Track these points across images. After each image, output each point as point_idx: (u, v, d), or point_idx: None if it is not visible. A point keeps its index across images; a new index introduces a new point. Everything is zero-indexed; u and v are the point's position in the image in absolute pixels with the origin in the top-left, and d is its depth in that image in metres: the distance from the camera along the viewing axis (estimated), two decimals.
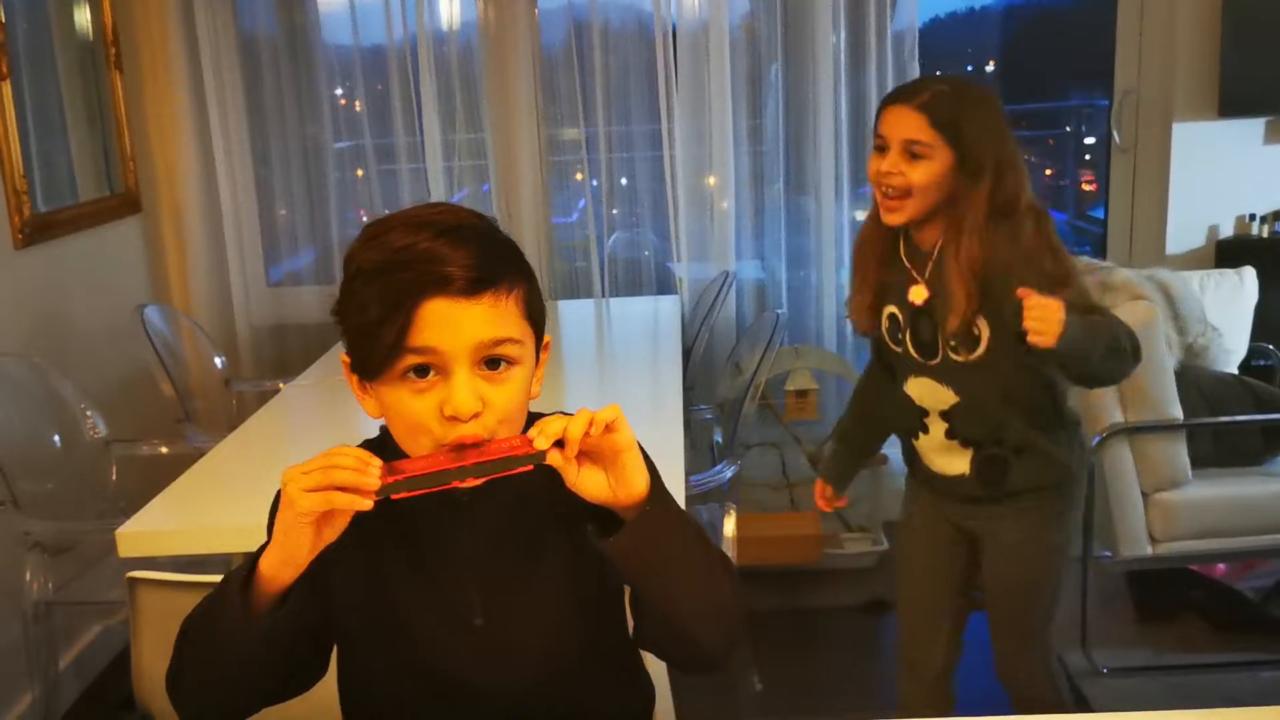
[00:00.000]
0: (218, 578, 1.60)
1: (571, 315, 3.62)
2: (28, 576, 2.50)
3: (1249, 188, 3.52)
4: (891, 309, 1.98)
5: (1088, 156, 4.19)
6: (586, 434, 1.02)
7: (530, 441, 1.03)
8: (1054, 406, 1.96)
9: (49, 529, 2.51)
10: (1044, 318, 1.68)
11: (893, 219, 1.88)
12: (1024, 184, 1.84)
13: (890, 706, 2.78)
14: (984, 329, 1.86)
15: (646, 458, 1.10)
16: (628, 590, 1.25)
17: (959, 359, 1.89)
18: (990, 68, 4.32)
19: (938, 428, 1.97)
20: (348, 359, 1.12)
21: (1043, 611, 2.05)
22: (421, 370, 1.05)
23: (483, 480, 1.03)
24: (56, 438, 2.73)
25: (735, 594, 1.15)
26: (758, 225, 3.75)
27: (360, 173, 3.75)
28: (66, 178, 3.24)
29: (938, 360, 1.92)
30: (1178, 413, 2.76)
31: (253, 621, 1.04)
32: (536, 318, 1.13)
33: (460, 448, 1.05)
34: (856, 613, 3.27)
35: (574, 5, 3.61)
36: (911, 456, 2.09)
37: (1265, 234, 3.51)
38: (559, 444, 1.03)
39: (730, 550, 2.65)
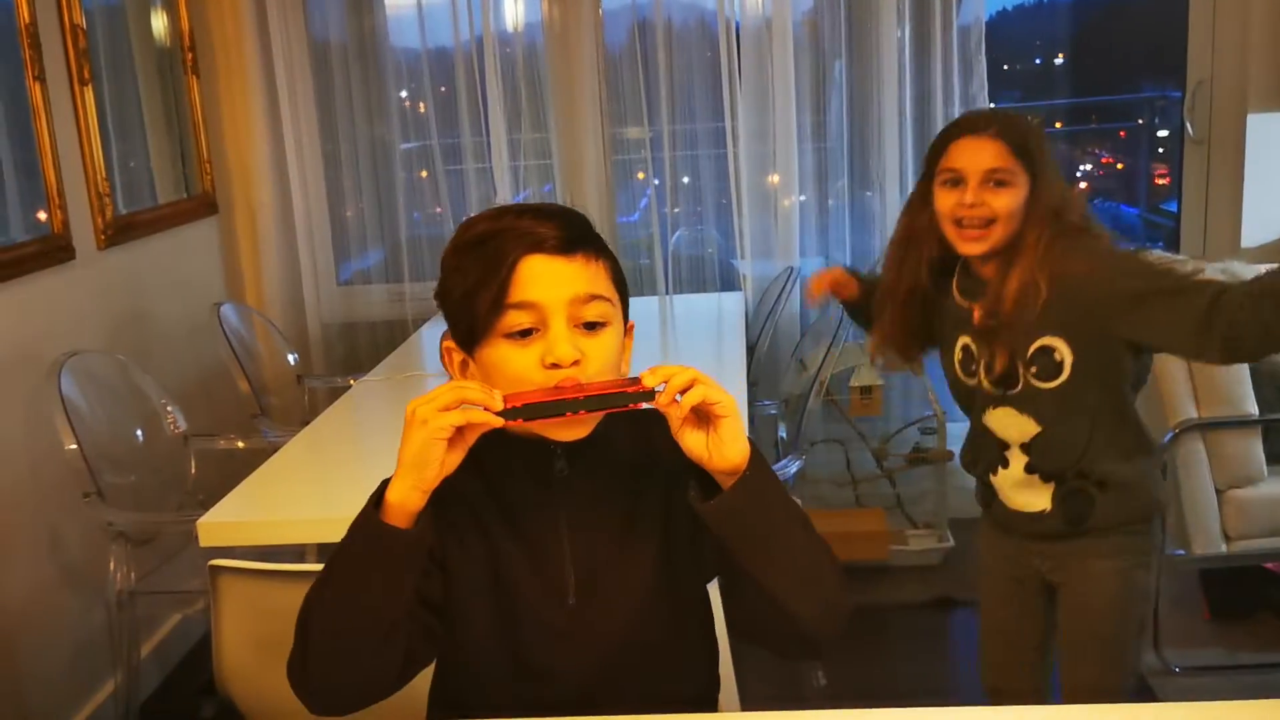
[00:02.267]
0: (296, 566, 1.66)
1: (636, 312, 3.58)
2: (111, 566, 2.58)
3: None
4: (964, 340, 1.91)
5: (1160, 149, 4.12)
6: (689, 389, 1.06)
7: (640, 381, 1.07)
8: (1137, 434, 1.88)
9: (131, 520, 2.59)
10: None
11: (977, 248, 1.82)
12: (1084, 201, 1.85)
13: (954, 703, 2.76)
14: (1065, 352, 1.80)
15: (753, 444, 1.13)
16: (717, 581, 1.28)
17: (1042, 385, 1.82)
18: (1060, 60, 4.26)
19: (1018, 462, 1.89)
20: (449, 343, 1.19)
21: (1124, 658, 1.94)
22: (524, 334, 1.12)
23: (597, 414, 1.10)
24: (139, 432, 2.81)
25: (837, 576, 1.17)
26: (822, 222, 3.74)
27: (425, 173, 3.81)
28: (146, 180, 3.33)
29: (1018, 388, 1.85)
30: (1253, 408, 2.72)
31: (394, 536, 1.07)
32: (622, 288, 1.20)
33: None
34: (922, 609, 3.26)
35: (637, 4, 3.63)
36: (988, 496, 1.99)
37: None
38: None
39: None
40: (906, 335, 1.98)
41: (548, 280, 1.11)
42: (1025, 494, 1.91)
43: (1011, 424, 1.88)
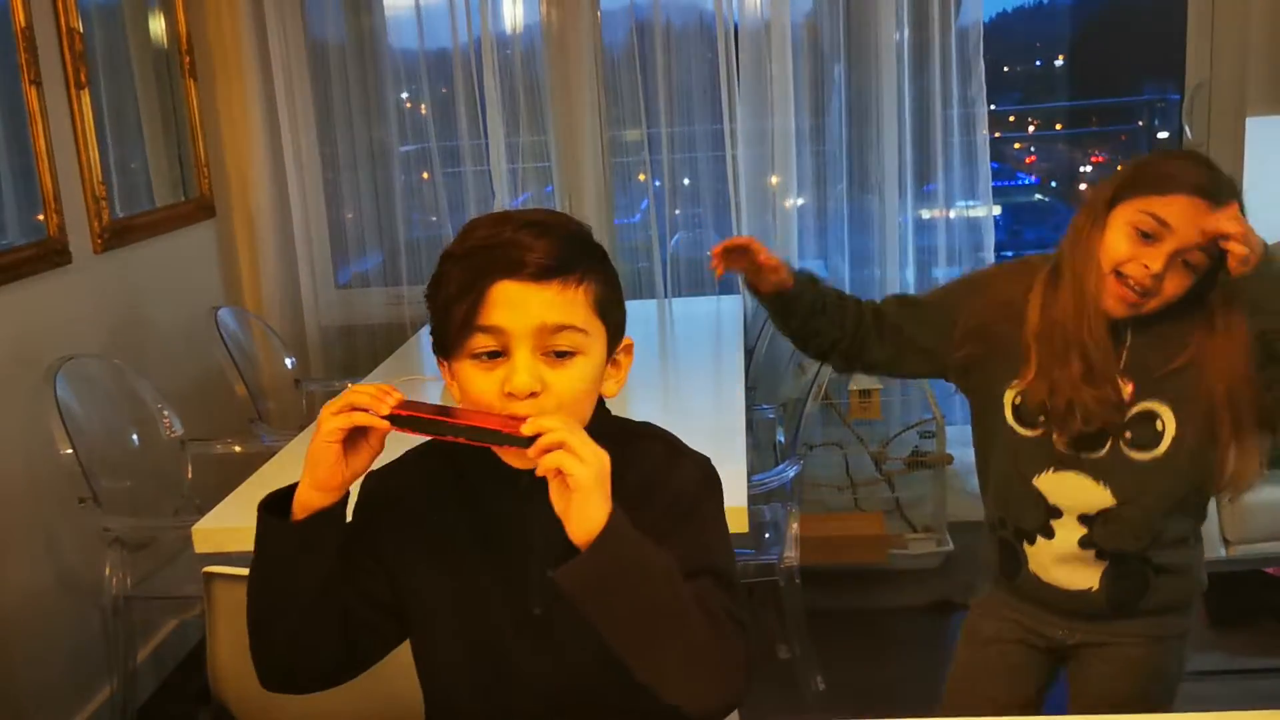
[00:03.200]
0: None
1: (634, 316, 3.58)
2: (107, 572, 2.57)
3: None
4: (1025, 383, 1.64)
5: None
6: (554, 449, 1.03)
7: (518, 425, 1.06)
8: (1202, 513, 1.70)
9: (128, 525, 2.58)
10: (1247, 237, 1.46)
11: (1122, 311, 1.56)
12: None
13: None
14: (1169, 421, 1.59)
15: (697, 497, 1.14)
16: None
17: (1133, 455, 1.60)
18: (1059, 62, 4.26)
19: (1070, 533, 1.64)
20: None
21: None
22: (491, 355, 1.12)
23: (469, 442, 1.08)
24: (135, 436, 2.80)
25: (720, 658, 1.10)
26: (820, 225, 3.73)
27: (426, 175, 3.80)
28: (143, 184, 3.33)
29: (1102, 454, 1.60)
30: None
31: (290, 528, 1.11)
32: (609, 313, 1.17)
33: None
34: (921, 613, 3.25)
35: (636, 6, 3.62)
36: (1012, 566, 1.72)
37: None
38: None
39: (794, 549, 2.66)
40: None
41: (517, 307, 1.10)
42: (1068, 570, 1.66)
43: (1079, 492, 1.62)
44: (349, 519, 1.19)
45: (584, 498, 1.03)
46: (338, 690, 1.27)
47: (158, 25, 3.43)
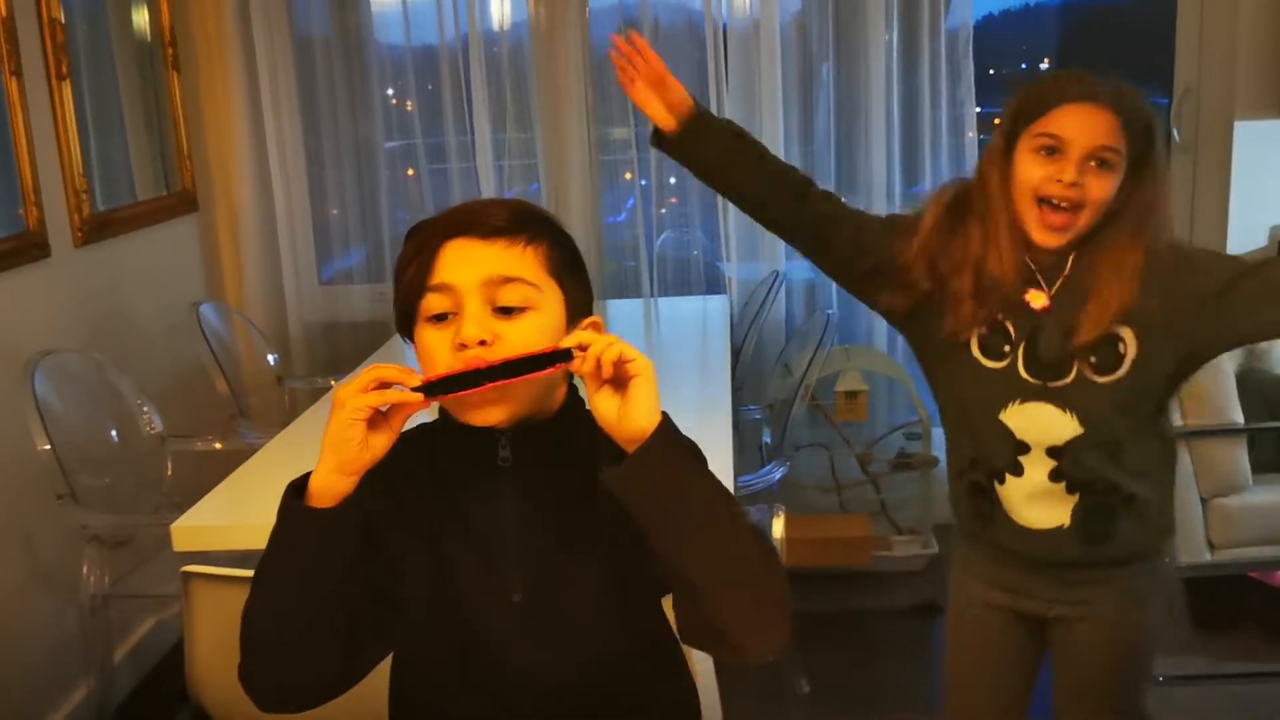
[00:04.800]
0: None
1: (620, 315, 3.62)
2: (85, 569, 2.54)
3: None
4: (997, 316, 1.64)
5: None
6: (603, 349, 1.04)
7: (556, 345, 1.06)
8: (1167, 447, 1.71)
9: (106, 522, 2.55)
10: None
11: (1055, 239, 1.58)
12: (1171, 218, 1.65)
13: (938, 710, 2.75)
14: (1131, 345, 1.59)
15: (695, 450, 1.10)
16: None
17: (1097, 379, 1.60)
18: (1045, 65, 4.26)
19: (1039, 468, 1.64)
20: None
21: (1133, 701, 1.77)
22: (441, 317, 1.13)
23: (509, 381, 1.06)
24: (114, 433, 2.77)
25: (773, 576, 1.09)
26: None
27: (411, 172, 3.78)
28: (125, 177, 3.29)
29: (1067, 380, 1.61)
30: (1238, 417, 2.71)
31: (310, 516, 1.07)
32: (563, 277, 1.17)
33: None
34: (906, 615, 3.24)
35: (624, 4, 3.61)
36: (985, 511, 1.71)
37: None
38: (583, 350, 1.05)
39: (779, 552, 2.64)
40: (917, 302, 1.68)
41: (464, 262, 1.13)
42: (1040, 507, 1.66)
43: (1046, 422, 1.62)
44: None
45: (646, 383, 1.04)
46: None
47: (140, 16, 3.39)
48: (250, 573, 1.59)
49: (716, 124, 1.74)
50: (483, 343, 1.09)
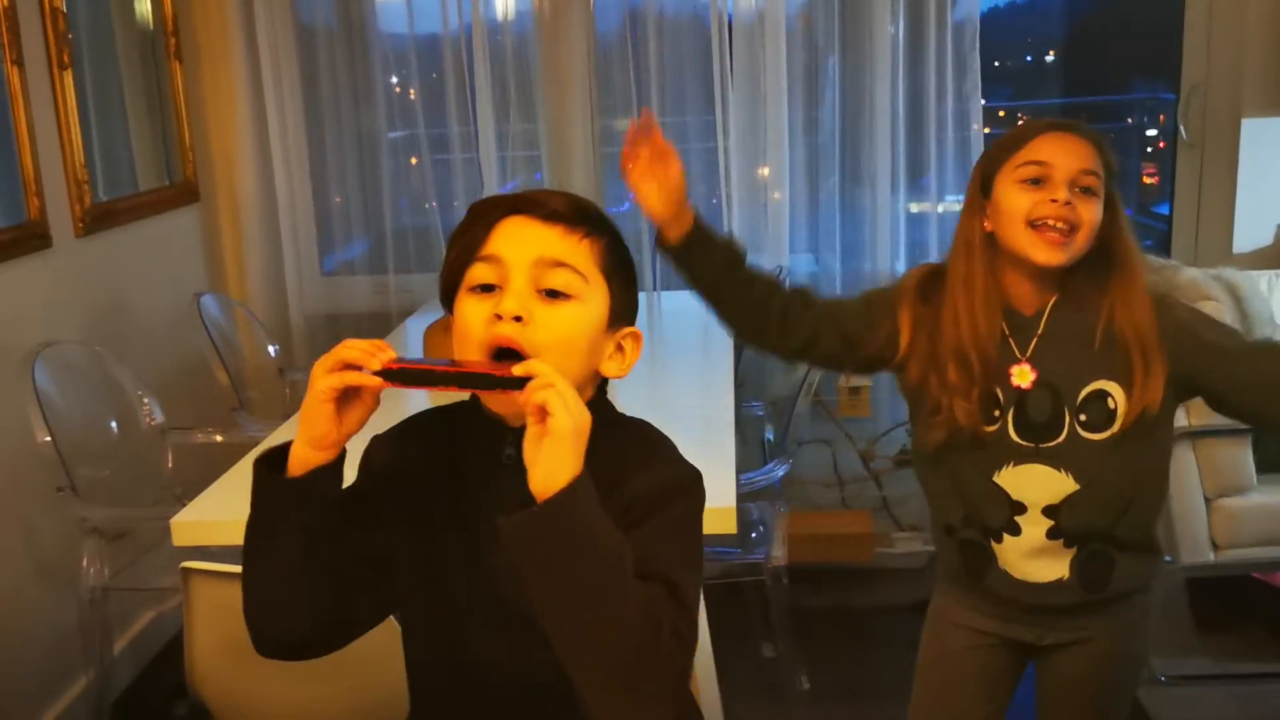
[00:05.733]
0: None
1: None
2: (85, 562, 2.54)
3: None
4: (983, 384, 1.61)
5: (1149, 149, 4.11)
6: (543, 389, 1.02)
7: (510, 369, 1.05)
8: (1166, 452, 1.68)
9: (106, 515, 2.55)
10: None
11: (1058, 256, 1.54)
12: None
13: None
14: (1120, 400, 1.57)
15: (665, 498, 1.10)
16: None
17: (1089, 437, 1.58)
18: (1050, 58, 4.24)
19: (1036, 527, 1.62)
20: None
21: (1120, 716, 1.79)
22: (486, 288, 1.13)
23: (460, 390, 1.08)
24: (114, 424, 2.76)
25: (644, 649, 1.02)
26: (812, 218, 3.70)
27: (414, 161, 3.76)
28: (126, 167, 3.28)
29: (1058, 441, 1.59)
30: None
31: (285, 484, 1.10)
32: (612, 278, 1.17)
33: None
34: (906, 612, 3.23)
35: None
36: (980, 564, 1.67)
37: None
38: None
39: (781, 549, 2.64)
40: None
41: (518, 238, 1.13)
42: (1038, 563, 1.63)
43: (1041, 482, 1.60)
44: (352, 480, 1.18)
45: (557, 445, 0.99)
46: (317, 679, 1.25)
47: (143, 6, 3.37)
48: None
49: (716, 243, 1.71)
50: (518, 319, 1.10)
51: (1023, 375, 1.60)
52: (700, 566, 1.16)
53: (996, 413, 1.61)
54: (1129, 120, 4.25)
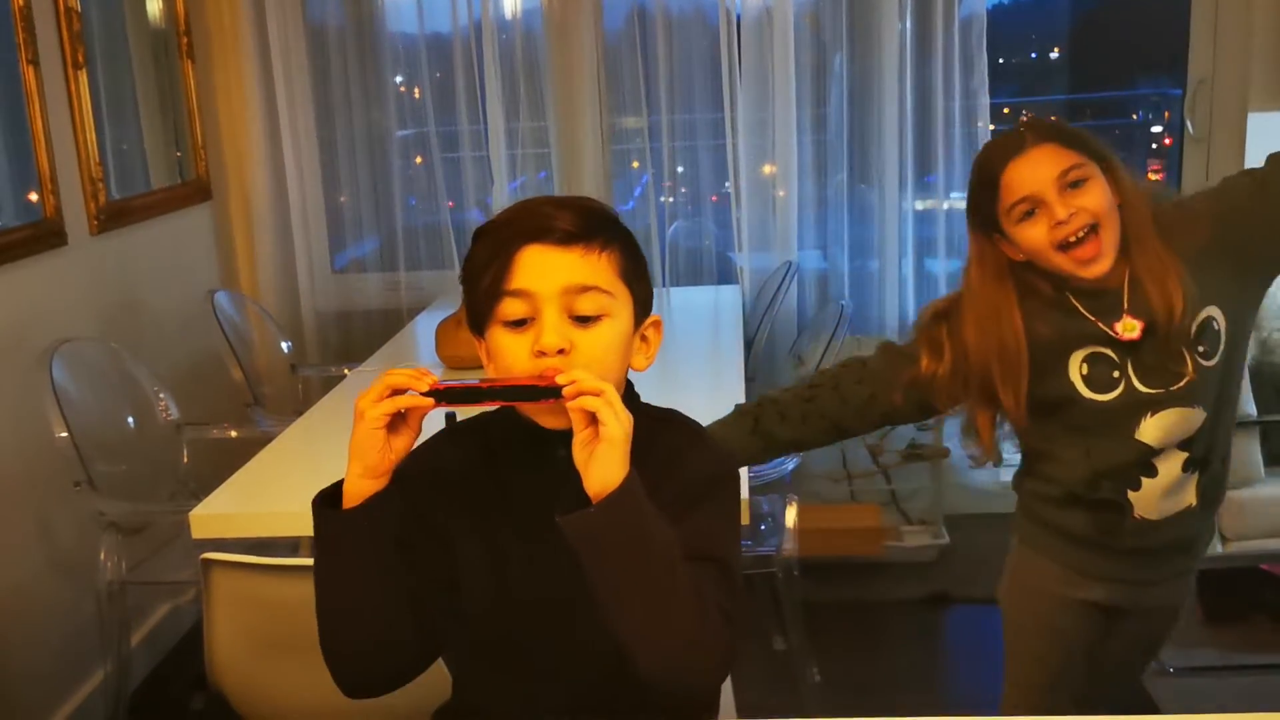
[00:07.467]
0: (288, 560, 1.64)
1: None
2: (102, 556, 2.55)
3: None
4: (1090, 350, 1.63)
5: (1154, 145, 4.11)
6: (590, 394, 1.06)
7: (552, 379, 1.09)
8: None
9: (123, 509, 2.56)
10: None
11: (1101, 266, 1.58)
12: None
13: (949, 700, 2.76)
14: (1222, 320, 1.62)
15: (713, 485, 1.17)
16: None
17: (1208, 364, 1.61)
18: (1056, 54, 4.25)
19: (1172, 462, 1.64)
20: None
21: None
22: (519, 323, 1.16)
23: (508, 404, 1.13)
24: (130, 420, 2.79)
25: (700, 641, 1.10)
26: (820, 215, 3.72)
27: (421, 160, 3.78)
28: (140, 166, 3.30)
29: (1188, 378, 1.60)
30: (1251, 409, 2.71)
31: (349, 516, 1.12)
32: (632, 281, 1.20)
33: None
34: (916, 606, 3.25)
35: None
36: (1113, 520, 1.68)
37: None
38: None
39: (792, 541, 2.65)
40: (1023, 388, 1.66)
41: (543, 270, 1.15)
42: (1172, 498, 1.66)
43: (1177, 424, 1.62)
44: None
45: (609, 450, 1.06)
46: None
47: (155, 6, 3.40)
48: (268, 560, 1.62)
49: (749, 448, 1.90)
50: (561, 351, 1.13)
51: (1129, 328, 1.61)
52: (741, 550, 1.24)
53: (1116, 373, 1.62)
54: (1134, 117, 4.25)
